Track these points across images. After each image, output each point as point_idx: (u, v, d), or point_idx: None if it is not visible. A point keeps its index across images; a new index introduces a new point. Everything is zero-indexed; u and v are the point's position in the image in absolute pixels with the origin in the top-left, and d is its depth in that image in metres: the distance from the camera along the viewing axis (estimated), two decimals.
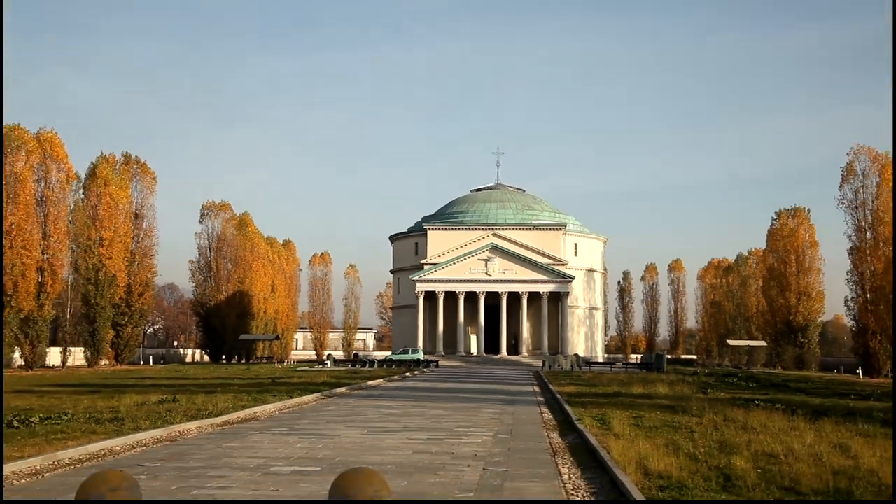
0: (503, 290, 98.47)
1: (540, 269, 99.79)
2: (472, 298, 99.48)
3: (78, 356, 71.80)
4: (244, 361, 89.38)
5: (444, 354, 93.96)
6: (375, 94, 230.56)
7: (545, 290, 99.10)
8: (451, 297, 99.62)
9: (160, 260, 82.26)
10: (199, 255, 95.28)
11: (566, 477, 12.77)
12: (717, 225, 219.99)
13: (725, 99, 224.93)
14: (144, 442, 16.73)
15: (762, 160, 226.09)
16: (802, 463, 13.53)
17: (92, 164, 72.42)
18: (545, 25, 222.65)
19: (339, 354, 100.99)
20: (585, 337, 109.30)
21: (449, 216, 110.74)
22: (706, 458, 14.37)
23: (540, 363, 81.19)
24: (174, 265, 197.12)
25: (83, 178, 70.77)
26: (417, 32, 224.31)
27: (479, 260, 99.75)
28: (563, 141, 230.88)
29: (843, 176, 71.71)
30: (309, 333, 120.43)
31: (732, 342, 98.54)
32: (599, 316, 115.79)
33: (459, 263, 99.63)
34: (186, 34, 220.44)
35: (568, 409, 24.84)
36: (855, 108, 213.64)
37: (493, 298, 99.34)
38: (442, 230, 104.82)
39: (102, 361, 71.24)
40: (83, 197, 70.54)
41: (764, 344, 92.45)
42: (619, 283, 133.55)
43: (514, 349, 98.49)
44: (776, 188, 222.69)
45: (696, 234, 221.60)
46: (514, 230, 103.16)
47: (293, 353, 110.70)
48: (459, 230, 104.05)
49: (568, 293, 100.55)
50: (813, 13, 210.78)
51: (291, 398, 28.94)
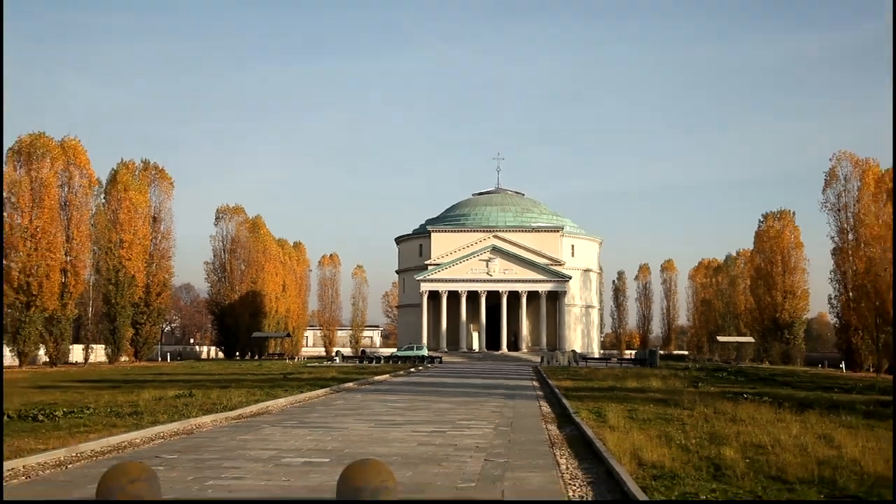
0: (503, 289, 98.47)
1: (538, 269, 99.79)
2: (473, 297, 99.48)
3: (99, 353, 71.95)
4: (257, 358, 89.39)
5: (447, 351, 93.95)
6: (381, 102, 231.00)
7: (543, 289, 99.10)
8: (453, 296, 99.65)
9: (177, 261, 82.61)
10: (213, 256, 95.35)
11: (564, 467, 12.77)
12: (706, 227, 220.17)
13: (716, 105, 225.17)
14: (162, 435, 16.73)
15: (750, 164, 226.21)
16: (788, 453, 13.52)
17: (113, 170, 72.72)
18: (543, 34, 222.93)
19: (347, 351, 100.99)
20: (582, 334, 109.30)
21: (452, 219, 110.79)
22: (697, 448, 14.37)
23: (539, 359, 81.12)
24: (190, 266, 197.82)
25: (104, 183, 70.92)
26: (421, 42, 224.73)
27: (480, 260, 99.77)
28: (560, 146, 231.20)
29: (826, 180, 71.62)
30: (318, 331, 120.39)
31: (722, 338, 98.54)
32: (595, 314, 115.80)
33: (462, 264, 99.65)
34: (201, 45, 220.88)
35: (565, 402, 24.80)
36: (839, 115, 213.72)
37: (493, 297, 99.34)
38: (445, 232, 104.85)
39: (122, 358, 71.38)
40: (104, 201, 70.72)
41: (752, 340, 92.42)
42: (613, 282, 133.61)
43: (514, 346, 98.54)
44: (763, 191, 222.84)
45: (687, 235, 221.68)
46: (513, 232, 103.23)
47: (303, 349, 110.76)
48: (462, 232, 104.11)
49: (565, 292, 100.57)
50: (800, 23, 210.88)
51: (302, 393, 28.91)
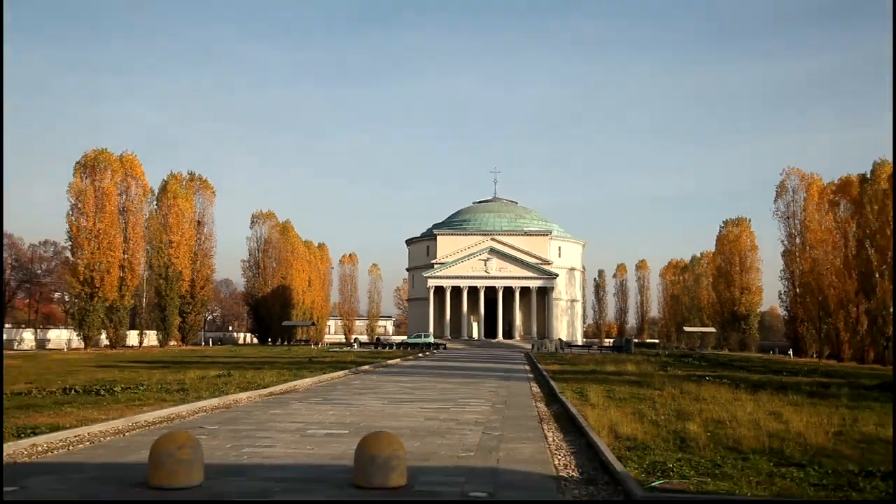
0: (500, 285, 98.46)
1: (530, 268, 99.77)
2: (473, 292, 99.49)
3: (151, 338, 72.06)
4: (286, 343, 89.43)
5: (450, 339, 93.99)
6: (395, 123, 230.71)
7: (534, 285, 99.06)
8: (456, 291, 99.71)
9: (217, 259, 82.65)
10: (249, 255, 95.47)
11: (550, 439, 12.73)
12: (675, 231, 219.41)
13: (686, 127, 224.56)
14: (205, 408, 16.74)
15: (713, 178, 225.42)
16: (744, 427, 13.49)
17: (164, 180, 72.88)
18: (534, 68, 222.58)
19: (363, 338, 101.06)
20: (567, 324, 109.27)
21: (455, 224, 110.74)
22: (666, 423, 14.32)
23: (530, 346, 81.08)
24: (229, 263, 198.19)
25: (156, 192, 71.14)
26: (429, 74, 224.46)
27: (479, 260, 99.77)
28: (549, 161, 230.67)
29: (777, 192, 71.61)
30: (339, 320, 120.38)
31: (688, 328, 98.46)
32: (579, 307, 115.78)
33: (463, 263, 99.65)
34: (244, 78, 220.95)
35: (552, 383, 24.69)
36: (789, 135, 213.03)
37: (491, 292, 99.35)
38: (449, 235, 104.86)
39: (171, 342, 71.49)
40: (156, 207, 70.88)
41: (713, 330, 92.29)
42: (595, 279, 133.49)
43: (508, 334, 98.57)
44: (724, 201, 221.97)
45: (658, 239, 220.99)
46: (508, 236, 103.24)
47: (326, 336, 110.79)
48: (464, 235, 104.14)
49: (553, 288, 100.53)
50: (762, 54, 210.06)
51: (324, 374, 28.87)
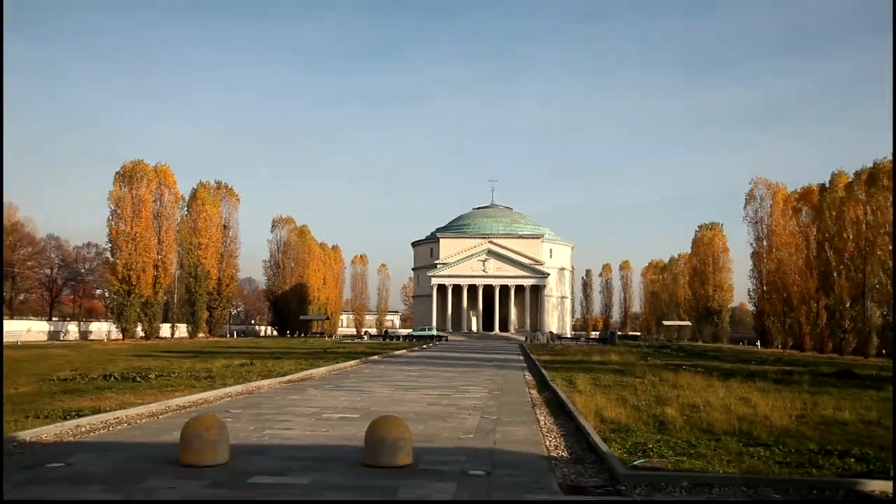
0: (496, 283, 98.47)
1: (524, 268, 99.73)
2: (473, 290, 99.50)
3: (182, 330, 72.11)
4: (303, 335, 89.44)
5: (451, 331, 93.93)
6: (402, 136, 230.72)
7: (528, 283, 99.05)
8: (457, 288, 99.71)
9: (241, 259, 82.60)
10: (269, 256, 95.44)
11: (542, 423, 12.70)
12: (655, 234, 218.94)
13: (663, 141, 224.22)
14: (230, 394, 16.73)
15: (690, 186, 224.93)
16: (716, 411, 13.47)
17: (193, 188, 72.90)
18: (527, 90, 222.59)
19: (373, 331, 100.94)
20: (558, 318, 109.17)
21: (456, 228, 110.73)
22: (646, 408, 14.29)
23: (523, 338, 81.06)
24: (252, 263, 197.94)
25: (187, 199, 71.05)
26: (432, 96, 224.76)
27: (478, 261, 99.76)
28: (542, 171, 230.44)
29: (746, 199, 71.70)
30: (351, 315, 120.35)
31: (666, 322, 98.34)
32: (568, 303, 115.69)
33: (463, 263, 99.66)
34: (257, 94, 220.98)
35: (544, 372, 24.62)
36: (757, 149, 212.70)
37: (488, 290, 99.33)
38: (451, 238, 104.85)
39: (200, 334, 71.52)
40: (187, 213, 70.81)
41: (689, 324, 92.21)
42: (582, 278, 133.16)
43: (504, 328, 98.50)
44: (699, 207, 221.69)
45: (640, 241, 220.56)
46: (504, 239, 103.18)
47: (339, 329, 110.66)
48: (464, 238, 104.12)
49: (545, 286, 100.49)
50: (728, 79, 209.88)
51: (338, 363, 28.78)
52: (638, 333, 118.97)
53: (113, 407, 13.18)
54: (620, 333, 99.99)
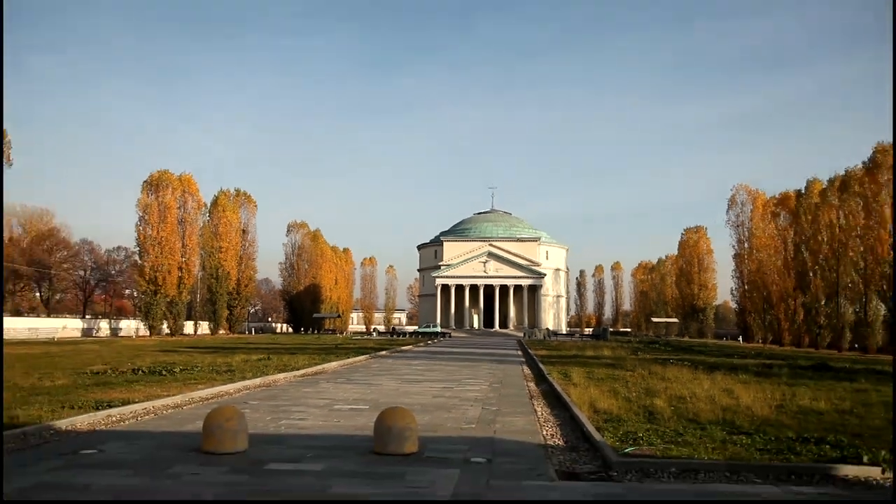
0: (496, 283, 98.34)
1: (522, 269, 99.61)
2: (474, 289, 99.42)
3: (204, 327, 72.18)
4: (316, 332, 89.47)
5: (454, 328, 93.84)
6: (409, 146, 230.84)
7: (525, 283, 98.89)
8: (459, 288, 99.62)
9: (259, 262, 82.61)
10: (285, 258, 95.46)
11: (539, 413, 12.66)
12: (644, 237, 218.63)
13: (651, 150, 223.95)
14: (248, 387, 16.72)
15: (677, 192, 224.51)
16: (701, 402, 13.41)
17: (214, 196, 73.02)
18: (525, 100, 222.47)
19: (381, 328, 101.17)
20: (553, 316, 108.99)
21: (458, 231, 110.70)
22: (636, 399, 14.24)
23: (522, 334, 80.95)
24: (268, 265, 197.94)
25: (208, 205, 71.17)
26: (436, 108, 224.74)
27: (479, 262, 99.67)
28: (538, 177, 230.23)
29: (728, 204, 71.68)
30: (360, 313, 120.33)
31: (655, 319, 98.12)
32: (563, 301, 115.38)
33: (466, 265, 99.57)
34: (275, 108, 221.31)
35: (541, 366, 24.53)
36: (738, 158, 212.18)
37: (489, 289, 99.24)
38: (454, 241, 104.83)
39: (220, 331, 71.58)
40: (208, 218, 70.95)
41: (676, 320, 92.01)
42: (577, 278, 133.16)
43: (503, 324, 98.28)
44: (685, 212, 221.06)
45: (630, 243, 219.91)
46: (504, 242, 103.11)
47: (350, 326, 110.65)
48: (466, 241, 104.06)
49: (541, 286, 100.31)
50: (712, 92, 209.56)
51: (348, 358, 28.65)
52: (628, 330, 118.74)
53: (141, 398, 13.19)
54: (612, 330, 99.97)
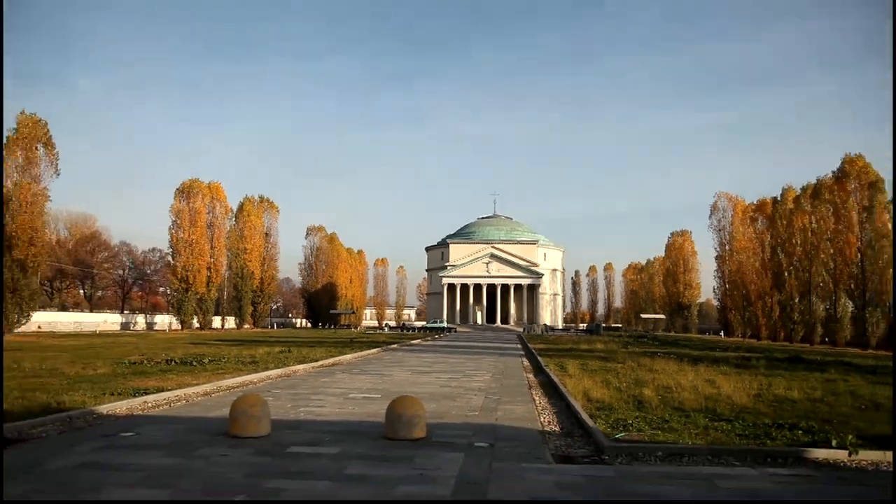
0: (498, 282, 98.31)
1: (522, 269, 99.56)
2: (478, 288, 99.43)
3: (230, 322, 72.38)
4: (333, 327, 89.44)
5: (459, 324, 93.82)
6: (414, 154, 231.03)
7: (525, 282, 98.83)
8: (464, 287, 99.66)
9: (280, 262, 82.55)
10: (304, 259, 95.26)
11: (538, 402, 12.67)
12: (634, 240, 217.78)
13: (642, 159, 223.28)
14: (271, 377, 16.75)
15: (664, 198, 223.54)
16: (686, 392, 13.37)
17: (240, 202, 73.07)
18: (524, 111, 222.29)
19: (392, 323, 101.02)
20: (551, 312, 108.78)
21: (463, 234, 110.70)
22: (627, 389, 14.19)
23: (521, 329, 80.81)
24: (289, 265, 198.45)
25: (235, 210, 71.42)
26: (439, 119, 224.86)
27: (482, 263, 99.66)
28: (536, 184, 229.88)
29: (711, 210, 71.23)
30: (373, 309, 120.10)
31: (644, 315, 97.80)
32: (559, 299, 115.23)
33: (470, 265, 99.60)
34: (295, 120, 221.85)
35: (539, 359, 24.43)
36: (720, 167, 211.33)
37: (491, 288, 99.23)
38: (459, 244, 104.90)
39: (245, 326, 71.79)
40: (235, 223, 71.20)
41: (663, 317, 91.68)
42: (572, 277, 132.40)
43: (505, 320, 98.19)
44: (671, 217, 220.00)
45: (621, 245, 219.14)
46: (505, 244, 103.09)
47: (363, 322, 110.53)
48: (470, 244, 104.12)
49: (539, 285, 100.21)
50: (697, 105, 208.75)
51: (362, 351, 28.57)
52: (620, 325, 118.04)
53: (174, 386, 13.28)
54: (605, 325, 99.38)
